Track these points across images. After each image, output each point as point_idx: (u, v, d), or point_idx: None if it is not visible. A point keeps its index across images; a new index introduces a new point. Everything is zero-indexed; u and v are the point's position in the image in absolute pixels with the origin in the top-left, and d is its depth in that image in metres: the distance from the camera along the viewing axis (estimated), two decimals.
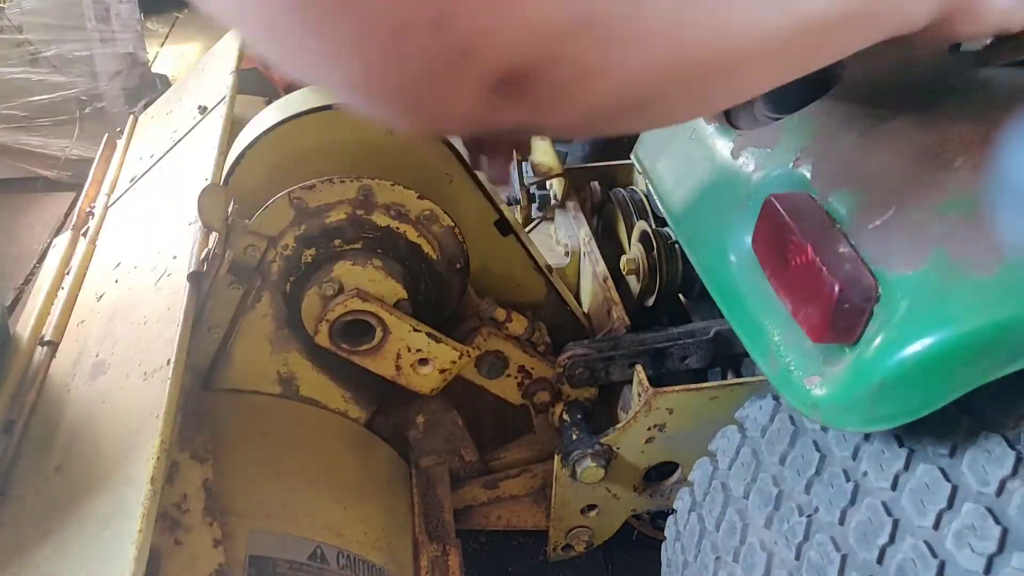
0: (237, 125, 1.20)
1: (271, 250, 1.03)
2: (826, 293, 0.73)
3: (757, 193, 0.91)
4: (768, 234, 0.82)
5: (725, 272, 0.93)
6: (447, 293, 1.13)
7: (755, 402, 0.96)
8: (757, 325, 0.86)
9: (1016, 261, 0.66)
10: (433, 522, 1.14)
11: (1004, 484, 0.66)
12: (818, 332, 0.74)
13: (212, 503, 0.85)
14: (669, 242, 1.25)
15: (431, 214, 1.06)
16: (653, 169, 1.19)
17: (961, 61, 0.89)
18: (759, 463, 0.90)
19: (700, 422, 1.10)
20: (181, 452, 0.88)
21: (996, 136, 0.76)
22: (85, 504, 0.80)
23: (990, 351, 0.65)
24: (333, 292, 1.01)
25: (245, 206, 1.05)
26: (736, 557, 0.87)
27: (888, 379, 0.69)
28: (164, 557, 0.79)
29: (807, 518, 0.80)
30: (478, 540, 1.65)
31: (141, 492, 0.73)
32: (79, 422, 0.93)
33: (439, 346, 1.05)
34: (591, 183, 1.46)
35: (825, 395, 0.75)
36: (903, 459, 0.74)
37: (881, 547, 0.72)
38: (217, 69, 1.43)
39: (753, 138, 0.97)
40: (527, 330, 1.15)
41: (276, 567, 0.86)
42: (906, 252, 0.72)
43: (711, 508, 0.94)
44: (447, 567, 1.07)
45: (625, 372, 1.17)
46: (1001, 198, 0.71)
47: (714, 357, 1.18)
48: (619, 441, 1.12)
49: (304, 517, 0.94)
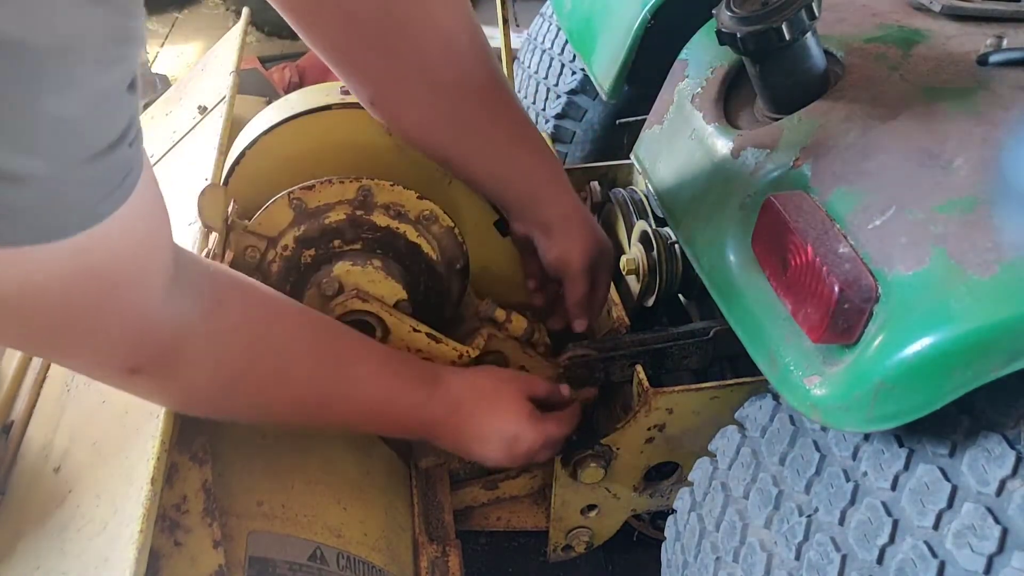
0: (237, 125, 1.20)
1: (271, 251, 1.03)
2: (826, 293, 0.73)
3: (757, 193, 0.91)
4: (768, 234, 0.82)
5: (725, 272, 0.93)
6: (447, 294, 1.13)
7: (755, 402, 0.96)
8: (757, 325, 0.86)
9: (1016, 261, 0.66)
10: (433, 523, 1.14)
11: (1004, 484, 0.66)
12: (818, 332, 0.74)
13: (212, 504, 0.85)
14: (669, 242, 1.25)
15: (431, 214, 1.06)
16: (653, 169, 1.19)
17: (961, 61, 0.89)
18: (759, 463, 0.90)
19: (700, 422, 1.10)
20: (180, 453, 0.88)
21: (996, 136, 0.76)
22: (85, 505, 0.80)
23: (990, 351, 0.65)
24: (333, 292, 1.01)
25: (245, 206, 1.05)
26: (736, 557, 0.87)
27: (888, 379, 0.69)
28: (163, 558, 0.79)
29: (807, 518, 0.80)
30: (478, 541, 1.65)
31: (141, 493, 0.73)
32: (79, 422, 0.93)
33: (439, 347, 1.05)
34: (591, 183, 1.46)
35: (825, 395, 0.75)
36: (903, 459, 0.74)
37: (881, 547, 0.72)
38: (217, 69, 1.43)
39: (754, 138, 0.97)
40: (527, 330, 1.15)
41: (276, 568, 0.86)
42: (906, 252, 0.72)
43: (711, 508, 0.94)
44: (447, 568, 1.07)
45: (625, 372, 1.17)
46: (1001, 198, 0.71)
47: (714, 357, 1.18)
48: (619, 441, 1.12)
49: (304, 518, 0.94)
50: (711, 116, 1.07)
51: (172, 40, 3.75)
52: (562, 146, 1.89)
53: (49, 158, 0.51)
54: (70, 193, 0.54)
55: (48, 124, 0.50)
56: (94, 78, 0.51)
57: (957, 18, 1.00)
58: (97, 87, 0.52)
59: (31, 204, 0.52)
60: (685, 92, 1.15)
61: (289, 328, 0.87)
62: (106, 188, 0.57)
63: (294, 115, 1.09)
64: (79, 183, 0.54)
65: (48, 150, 0.51)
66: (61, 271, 0.59)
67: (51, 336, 0.66)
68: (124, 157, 0.57)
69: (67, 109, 0.50)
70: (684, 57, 1.20)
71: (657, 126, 1.20)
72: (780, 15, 0.85)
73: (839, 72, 0.97)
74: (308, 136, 1.10)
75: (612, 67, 1.33)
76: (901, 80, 0.89)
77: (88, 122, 0.52)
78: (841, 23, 1.03)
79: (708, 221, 1.00)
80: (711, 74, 1.12)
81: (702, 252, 1.00)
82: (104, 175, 0.56)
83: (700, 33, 1.21)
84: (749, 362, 0.88)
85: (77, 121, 0.51)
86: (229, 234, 1.01)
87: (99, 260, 0.61)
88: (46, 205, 0.53)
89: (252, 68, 2.41)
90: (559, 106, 1.85)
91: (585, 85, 1.81)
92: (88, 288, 0.62)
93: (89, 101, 0.51)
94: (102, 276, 0.63)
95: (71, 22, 0.48)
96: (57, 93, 0.49)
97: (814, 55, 0.92)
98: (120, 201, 0.59)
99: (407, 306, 1.04)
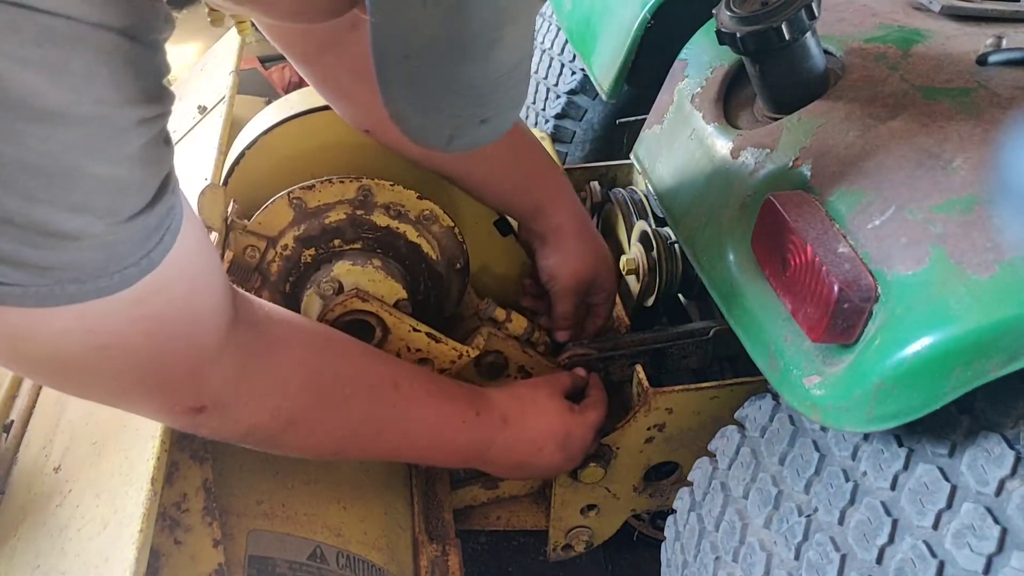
0: (237, 125, 1.20)
1: (270, 250, 1.03)
2: (826, 293, 0.73)
3: (757, 193, 0.91)
4: (768, 234, 0.82)
5: (725, 272, 0.93)
6: (447, 293, 1.13)
7: (755, 402, 0.96)
8: (757, 325, 0.86)
9: (1015, 261, 0.66)
10: (433, 522, 1.14)
11: (1003, 484, 0.66)
12: (817, 332, 0.74)
13: (212, 503, 0.85)
14: (669, 242, 1.25)
15: (431, 214, 1.06)
16: (653, 169, 1.19)
17: (961, 61, 0.89)
18: (758, 463, 0.90)
19: (700, 422, 1.10)
20: (180, 452, 0.88)
21: (995, 136, 0.76)
22: (85, 504, 0.80)
23: (989, 351, 0.65)
24: (332, 292, 1.01)
25: (245, 206, 1.05)
26: (736, 557, 0.87)
27: (887, 379, 0.69)
28: (164, 557, 0.79)
29: (806, 518, 0.80)
30: (478, 540, 1.65)
31: (141, 492, 0.73)
32: (79, 422, 0.93)
33: (439, 346, 1.05)
34: (591, 183, 1.46)
35: (824, 395, 0.75)
36: (902, 459, 0.74)
37: (880, 547, 0.72)
38: (217, 69, 1.42)
39: (753, 138, 0.97)
40: (527, 330, 1.15)
41: (276, 567, 0.86)
42: (905, 252, 0.72)
43: (711, 508, 0.94)
44: (447, 567, 1.07)
45: (625, 372, 1.17)
46: (1000, 198, 0.71)
47: (713, 357, 1.18)
48: (619, 441, 1.12)
49: (304, 517, 0.94)
50: (711, 116, 1.07)
51: (172, 40, 3.74)
52: (562, 146, 1.89)
53: (102, 215, 0.54)
54: (125, 246, 0.57)
55: (98, 185, 0.53)
56: (136, 138, 0.54)
57: (957, 18, 1.00)
58: (138, 144, 0.55)
59: (90, 261, 0.56)
60: (685, 92, 1.15)
61: (345, 361, 0.89)
62: (156, 236, 0.60)
63: (294, 115, 1.09)
64: (131, 235, 0.57)
65: (100, 208, 0.54)
66: (122, 325, 0.61)
67: (119, 387, 0.68)
68: (167, 204, 0.60)
69: (114, 169, 0.53)
70: (684, 57, 1.20)
71: (657, 126, 1.20)
72: (780, 15, 0.85)
73: (839, 72, 0.97)
74: (308, 136, 1.10)
75: (612, 67, 1.33)
76: (901, 80, 0.89)
77: (134, 178, 0.56)
78: (841, 23, 1.03)
79: (708, 221, 1.00)
80: (711, 74, 1.12)
81: (702, 252, 1.00)
82: (153, 224, 0.59)
83: (700, 33, 1.21)
84: (749, 362, 0.88)
85: (123, 179, 0.55)
86: (229, 234, 1.01)
87: (157, 307, 0.63)
88: (104, 260, 0.56)
89: (252, 68, 2.41)
90: (559, 106, 1.85)
91: (585, 85, 1.81)
92: (150, 336, 0.64)
93: (133, 159, 0.55)
94: (162, 322, 0.65)
95: (109, 91, 0.51)
96: (103, 155, 0.52)
97: (814, 55, 0.92)
98: (169, 246, 0.61)
99: (407, 305, 1.04)
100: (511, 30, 0.57)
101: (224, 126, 1.16)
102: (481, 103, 0.60)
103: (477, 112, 0.61)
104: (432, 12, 0.52)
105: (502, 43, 0.57)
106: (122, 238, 0.56)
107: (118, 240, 0.56)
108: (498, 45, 0.57)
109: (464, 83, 0.58)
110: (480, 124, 0.62)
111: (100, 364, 0.63)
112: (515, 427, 1.01)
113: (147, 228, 0.58)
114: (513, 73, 0.61)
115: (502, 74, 0.59)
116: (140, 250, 0.59)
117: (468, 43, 0.55)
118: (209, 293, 0.70)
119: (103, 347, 0.62)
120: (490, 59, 0.57)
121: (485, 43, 0.56)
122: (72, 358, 0.61)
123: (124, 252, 0.57)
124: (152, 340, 0.65)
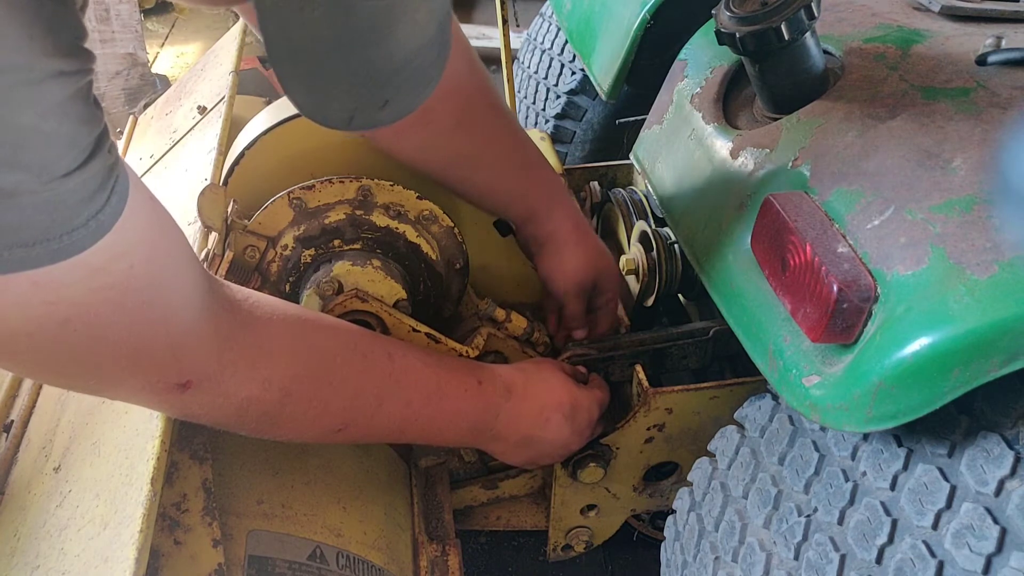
0: (237, 125, 1.20)
1: (270, 250, 1.03)
2: (825, 293, 0.73)
3: (756, 193, 0.91)
4: (767, 234, 0.82)
5: (724, 272, 0.93)
6: (446, 293, 1.13)
7: (754, 402, 0.96)
8: (756, 325, 0.86)
9: (1015, 261, 0.66)
10: (433, 522, 1.14)
11: (1003, 484, 0.66)
12: (817, 332, 0.74)
13: (211, 503, 0.85)
14: (669, 242, 1.25)
15: (430, 214, 1.06)
16: (652, 169, 1.19)
17: (960, 61, 0.89)
18: (758, 463, 0.90)
19: (699, 422, 1.10)
20: (180, 452, 0.88)
21: (995, 136, 0.76)
22: (85, 504, 0.80)
23: (989, 351, 0.65)
24: (332, 292, 1.01)
25: (245, 206, 1.05)
26: (735, 557, 0.87)
27: (887, 379, 0.69)
28: (163, 557, 0.79)
29: (806, 518, 0.80)
30: (478, 540, 1.65)
31: (141, 492, 0.73)
32: (79, 422, 0.93)
33: (438, 347, 1.05)
34: (590, 183, 1.46)
35: (824, 395, 0.75)
36: (902, 459, 0.74)
37: (880, 547, 0.72)
38: (217, 69, 1.43)
39: (753, 138, 0.97)
40: (526, 330, 1.15)
41: (275, 567, 0.86)
42: (905, 252, 0.72)
43: (710, 508, 0.94)
44: (447, 567, 1.07)
45: (625, 372, 1.17)
46: (1000, 198, 0.71)
47: (713, 357, 1.18)
48: (619, 441, 1.12)
49: (303, 517, 0.94)
50: (710, 116, 1.07)
51: (172, 40, 3.75)
52: (562, 146, 1.89)
53: (34, 171, 0.53)
54: (67, 206, 0.56)
55: (23, 136, 0.52)
56: (57, 89, 0.53)
57: (956, 18, 1.00)
58: (61, 96, 0.53)
59: (33, 222, 0.54)
60: (684, 92, 1.15)
61: (332, 332, 0.87)
62: (101, 196, 0.58)
63: (294, 115, 1.09)
64: (71, 194, 0.56)
65: (31, 163, 0.53)
66: (82, 295, 0.60)
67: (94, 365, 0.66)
68: (105, 163, 0.58)
69: (39, 122, 0.52)
70: (683, 57, 1.20)
71: (657, 126, 1.20)
72: (779, 15, 0.85)
73: (838, 72, 0.97)
74: (308, 136, 1.10)
75: (612, 67, 1.33)
76: (900, 80, 0.89)
77: (62, 132, 0.54)
78: (841, 23, 1.03)
79: (708, 221, 1.00)
80: (710, 74, 1.13)
81: (701, 252, 1.00)
82: (94, 185, 0.57)
83: (699, 33, 1.21)
84: (748, 362, 0.88)
85: (50, 132, 0.53)
86: (229, 234, 1.01)
87: (118, 277, 0.62)
88: (48, 222, 0.55)
89: (252, 68, 2.40)
90: (559, 106, 1.85)
91: (585, 85, 1.81)
92: (117, 308, 0.63)
93: (58, 112, 0.53)
94: (126, 292, 0.63)
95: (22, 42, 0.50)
96: (25, 105, 0.51)
97: (813, 55, 0.92)
98: (119, 209, 0.60)
99: (406, 306, 1.04)
100: (405, 21, 0.56)
101: (224, 126, 1.16)
102: (380, 87, 0.60)
103: (377, 95, 0.60)
104: (310, 16, 0.52)
105: (394, 36, 0.56)
106: (62, 196, 0.55)
107: (58, 199, 0.55)
108: (390, 38, 0.56)
109: (359, 74, 0.57)
110: (382, 106, 0.61)
111: (67, 339, 0.61)
112: (520, 397, 1.00)
113: (87, 188, 0.57)
114: (413, 59, 0.60)
115: (399, 62, 0.59)
116: (85, 211, 0.57)
117: (355, 39, 0.55)
118: (173, 261, 0.68)
119: (65, 320, 0.60)
120: (383, 50, 0.57)
121: (374, 38, 0.55)
122: (36, 334, 0.60)
123: (68, 213, 0.56)
124: (120, 313, 0.63)
